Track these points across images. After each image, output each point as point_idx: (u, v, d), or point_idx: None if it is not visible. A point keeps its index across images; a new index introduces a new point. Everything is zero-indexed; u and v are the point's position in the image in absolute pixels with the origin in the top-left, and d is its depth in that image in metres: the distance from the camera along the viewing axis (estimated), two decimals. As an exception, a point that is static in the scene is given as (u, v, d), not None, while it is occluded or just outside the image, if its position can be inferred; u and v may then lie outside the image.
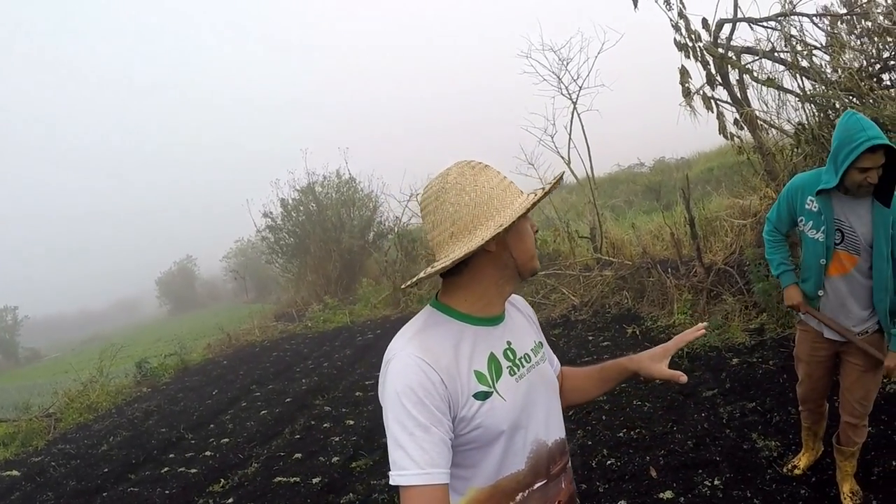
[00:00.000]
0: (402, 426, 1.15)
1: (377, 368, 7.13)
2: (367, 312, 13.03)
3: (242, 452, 5.66)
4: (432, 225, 1.29)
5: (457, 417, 1.21)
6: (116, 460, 6.28)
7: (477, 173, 1.28)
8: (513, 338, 1.37)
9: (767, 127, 5.22)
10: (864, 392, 2.70)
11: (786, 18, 4.62)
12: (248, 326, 14.43)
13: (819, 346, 2.79)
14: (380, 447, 5.03)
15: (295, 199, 17.41)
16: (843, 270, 2.57)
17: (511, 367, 1.32)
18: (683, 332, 1.50)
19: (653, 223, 9.79)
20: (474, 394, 1.23)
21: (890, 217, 2.41)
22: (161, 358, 11.67)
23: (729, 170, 12.15)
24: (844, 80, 4.00)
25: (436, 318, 1.31)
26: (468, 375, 1.24)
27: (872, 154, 2.29)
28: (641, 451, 3.83)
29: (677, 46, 5.28)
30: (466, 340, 1.27)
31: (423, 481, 1.13)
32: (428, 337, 1.26)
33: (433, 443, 1.15)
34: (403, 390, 1.17)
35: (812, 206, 2.56)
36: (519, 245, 1.30)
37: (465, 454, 1.25)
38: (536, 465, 1.32)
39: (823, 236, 2.54)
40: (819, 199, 2.53)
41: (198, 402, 8.23)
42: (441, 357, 1.22)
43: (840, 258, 2.56)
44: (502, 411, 1.25)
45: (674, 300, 6.60)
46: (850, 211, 2.49)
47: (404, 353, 1.22)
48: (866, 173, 2.33)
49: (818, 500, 2.94)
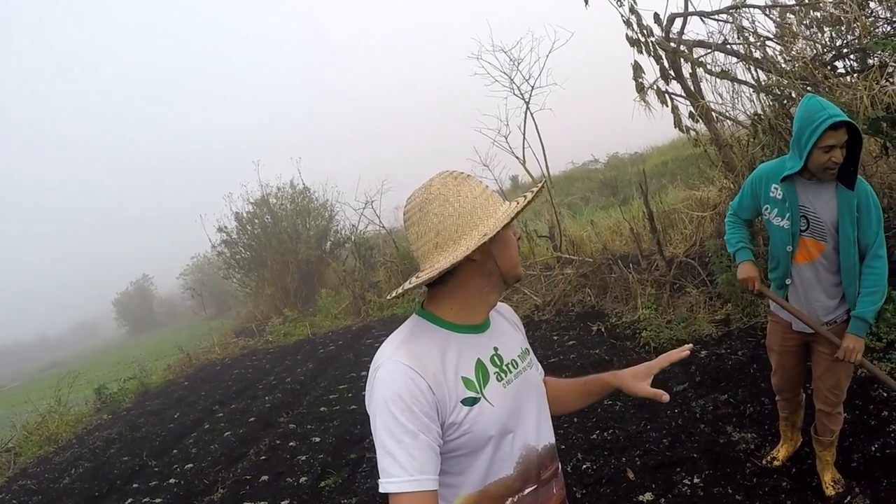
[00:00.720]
0: (391, 433, 1.17)
1: (341, 381, 6.98)
2: (328, 323, 12.86)
3: (208, 478, 5.46)
4: (416, 236, 1.30)
5: (445, 424, 1.22)
6: (79, 494, 6.01)
7: (460, 183, 1.30)
8: (499, 344, 1.38)
9: (723, 119, 5.25)
10: (835, 381, 2.70)
11: (737, 11, 4.66)
12: (208, 344, 14.07)
13: (789, 336, 2.79)
14: (348, 464, 4.93)
15: (249, 212, 17.10)
16: (810, 257, 2.56)
17: (499, 372, 1.33)
18: (669, 353, 1.52)
19: (611, 219, 9.86)
20: (462, 399, 1.24)
21: (854, 199, 2.41)
22: (120, 382, 11.29)
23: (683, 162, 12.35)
24: (799, 69, 4.04)
25: (422, 327, 1.32)
26: (455, 381, 1.25)
27: (835, 132, 2.29)
28: (617, 453, 3.77)
29: (629, 42, 5.27)
30: (453, 347, 1.29)
31: (412, 488, 1.14)
32: (415, 345, 1.27)
33: (422, 449, 1.16)
34: (391, 397, 1.18)
35: (776, 194, 2.56)
36: (503, 253, 1.33)
37: (454, 460, 1.26)
38: (526, 470, 1.33)
39: (789, 223, 2.54)
40: (783, 186, 2.53)
41: (159, 426, 7.94)
42: (428, 364, 1.23)
43: (806, 245, 2.55)
44: (490, 416, 1.26)
45: (637, 295, 6.60)
46: (815, 196, 2.49)
47: (391, 361, 1.23)
48: (831, 152, 2.33)
49: (800, 491, 2.93)
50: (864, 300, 2.47)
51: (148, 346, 22.06)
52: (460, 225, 1.26)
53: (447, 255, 1.25)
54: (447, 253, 1.25)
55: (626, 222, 8.06)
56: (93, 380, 12.95)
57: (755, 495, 2.96)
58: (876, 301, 2.46)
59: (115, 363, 19.05)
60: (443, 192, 1.28)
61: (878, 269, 2.46)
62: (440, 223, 1.26)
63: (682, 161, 13.00)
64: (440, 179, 1.30)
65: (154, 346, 21.62)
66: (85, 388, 11.53)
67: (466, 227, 1.26)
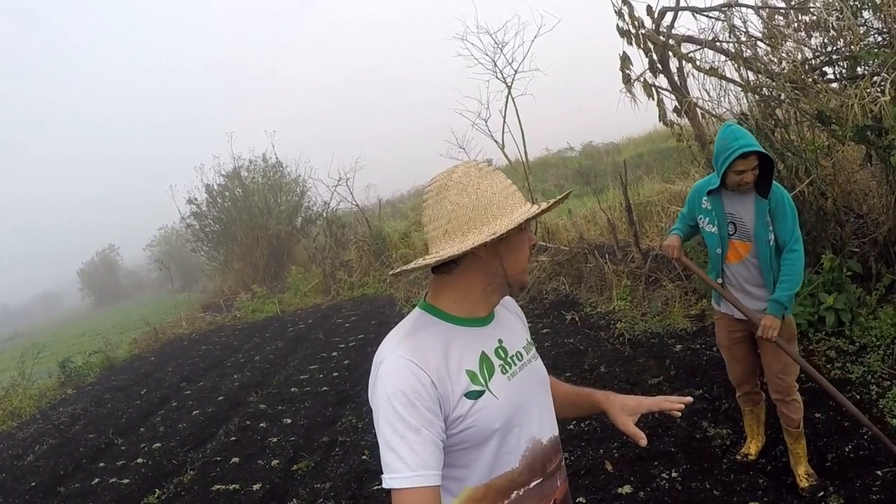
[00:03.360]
0: (394, 429, 1.16)
1: (311, 361, 6.89)
2: (297, 301, 12.78)
3: (176, 458, 5.38)
4: (429, 219, 1.30)
5: (448, 418, 1.22)
6: (44, 472, 5.89)
7: (483, 176, 1.28)
8: (504, 336, 1.37)
9: (708, 116, 5.28)
10: (781, 366, 2.93)
11: (729, 9, 4.68)
12: (174, 319, 13.88)
13: (733, 329, 3.07)
14: (320, 447, 4.91)
15: (220, 185, 16.83)
16: (739, 257, 2.93)
17: (503, 365, 1.32)
18: (666, 399, 1.50)
19: (586, 208, 9.91)
20: (466, 393, 1.23)
21: (767, 206, 2.80)
22: (85, 356, 11.06)
23: (659, 155, 12.45)
24: (789, 72, 4.08)
25: (424, 320, 1.31)
26: (459, 375, 1.24)
27: (744, 159, 2.67)
28: (594, 444, 3.82)
29: (619, 33, 5.26)
30: (456, 341, 1.28)
31: (415, 483, 1.14)
32: (417, 339, 1.26)
33: (424, 445, 1.16)
34: (394, 393, 1.18)
35: (707, 205, 2.97)
36: (511, 257, 1.31)
37: (459, 454, 1.26)
38: (532, 463, 1.33)
39: (717, 229, 2.94)
40: (710, 199, 2.94)
41: (126, 403, 7.81)
42: (430, 358, 1.22)
43: (735, 247, 2.93)
44: (495, 409, 1.26)
45: (613, 286, 6.67)
46: (739, 204, 2.88)
47: (393, 356, 1.23)
48: (741, 175, 2.73)
49: (776, 487, 3.00)
50: (781, 286, 2.81)
51: (113, 319, 21.69)
52: (472, 217, 1.24)
53: (453, 244, 1.24)
54: (454, 242, 1.24)
55: (603, 212, 8.11)
56: (56, 352, 12.75)
57: (732, 491, 3.02)
58: (791, 287, 2.80)
59: (79, 335, 18.70)
60: (463, 181, 1.27)
61: (792, 261, 2.81)
62: (453, 211, 1.25)
63: (657, 154, 13.11)
64: (464, 168, 1.29)
65: (119, 318, 21.26)
66: (48, 360, 11.32)
67: (478, 220, 1.24)
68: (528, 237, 1.35)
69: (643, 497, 3.16)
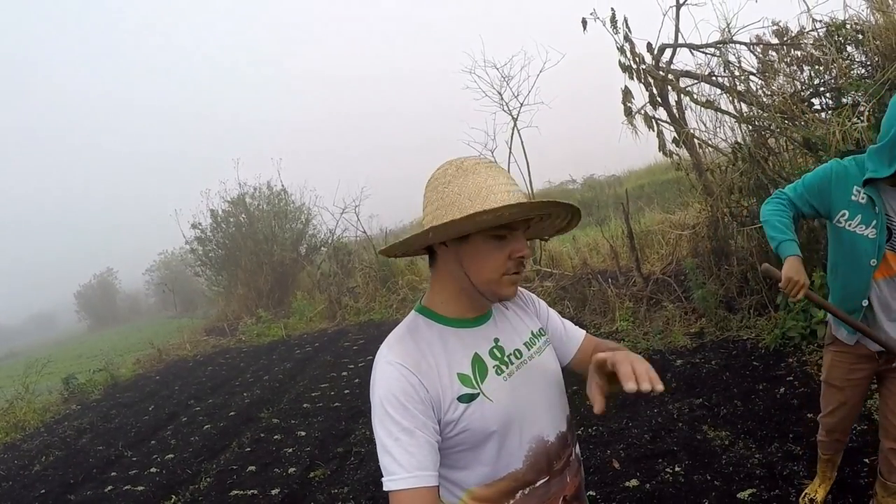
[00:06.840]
0: (388, 432, 1.18)
1: (321, 380, 6.99)
2: (302, 326, 12.87)
3: (190, 467, 5.47)
4: (424, 204, 1.30)
5: (442, 421, 1.22)
6: (53, 480, 5.96)
7: (458, 175, 1.25)
8: (501, 335, 1.36)
9: (705, 146, 5.61)
10: None
11: (724, 46, 5.04)
12: (177, 341, 13.97)
13: (858, 367, 2.38)
14: (336, 457, 4.99)
15: (225, 210, 17.10)
16: (890, 273, 2.17)
17: (498, 366, 1.31)
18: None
19: (588, 237, 10.22)
20: (458, 396, 1.23)
21: None
22: (88, 374, 11.12)
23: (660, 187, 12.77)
24: (779, 103, 4.42)
25: (417, 323, 1.32)
26: (451, 378, 1.24)
27: None
28: (602, 446, 4.03)
29: (622, 68, 5.64)
30: (448, 343, 1.28)
31: (411, 485, 1.15)
32: (409, 342, 1.27)
33: (419, 446, 1.17)
34: (385, 396, 1.19)
35: (859, 198, 2.15)
36: (474, 263, 1.26)
37: (457, 455, 1.26)
38: (537, 463, 1.31)
39: (875, 232, 2.13)
40: (869, 190, 2.12)
41: (133, 418, 7.89)
42: (421, 361, 1.23)
43: (888, 259, 2.16)
44: (490, 412, 1.24)
45: (615, 308, 6.92)
46: None
47: (385, 360, 1.24)
48: None
49: (771, 478, 3.19)
50: None
51: (111, 341, 21.66)
52: (435, 216, 1.23)
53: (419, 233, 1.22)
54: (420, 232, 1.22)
55: (606, 240, 8.41)
56: (56, 371, 12.71)
57: (731, 481, 3.24)
58: None
59: (77, 356, 18.65)
60: (457, 173, 1.25)
61: None
62: (429, 204, 1.27)
63: (658, 185, 13.44)
64: (457, 162, 1.28)
65: (117, 340, 21.23)
66: (48, 378, 11.32)
67: (437, 219, 1.22)
68: (514, 248, 1.26)
69: (649, 489, 3.36)
